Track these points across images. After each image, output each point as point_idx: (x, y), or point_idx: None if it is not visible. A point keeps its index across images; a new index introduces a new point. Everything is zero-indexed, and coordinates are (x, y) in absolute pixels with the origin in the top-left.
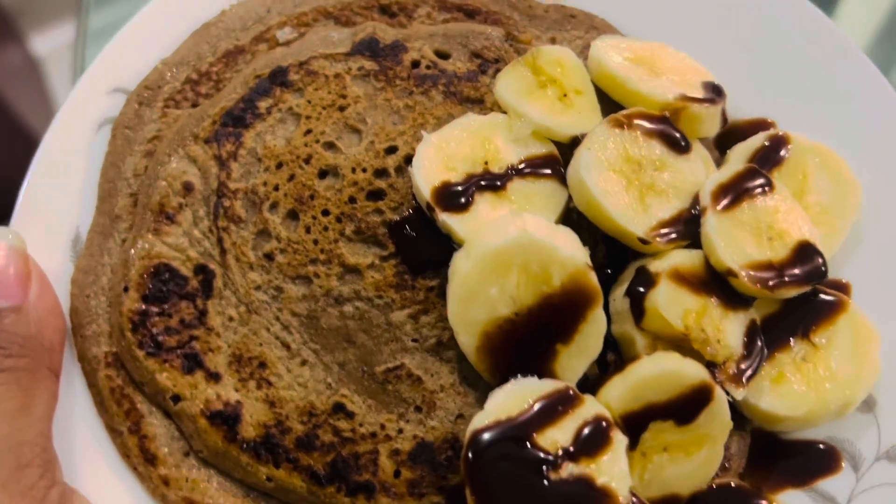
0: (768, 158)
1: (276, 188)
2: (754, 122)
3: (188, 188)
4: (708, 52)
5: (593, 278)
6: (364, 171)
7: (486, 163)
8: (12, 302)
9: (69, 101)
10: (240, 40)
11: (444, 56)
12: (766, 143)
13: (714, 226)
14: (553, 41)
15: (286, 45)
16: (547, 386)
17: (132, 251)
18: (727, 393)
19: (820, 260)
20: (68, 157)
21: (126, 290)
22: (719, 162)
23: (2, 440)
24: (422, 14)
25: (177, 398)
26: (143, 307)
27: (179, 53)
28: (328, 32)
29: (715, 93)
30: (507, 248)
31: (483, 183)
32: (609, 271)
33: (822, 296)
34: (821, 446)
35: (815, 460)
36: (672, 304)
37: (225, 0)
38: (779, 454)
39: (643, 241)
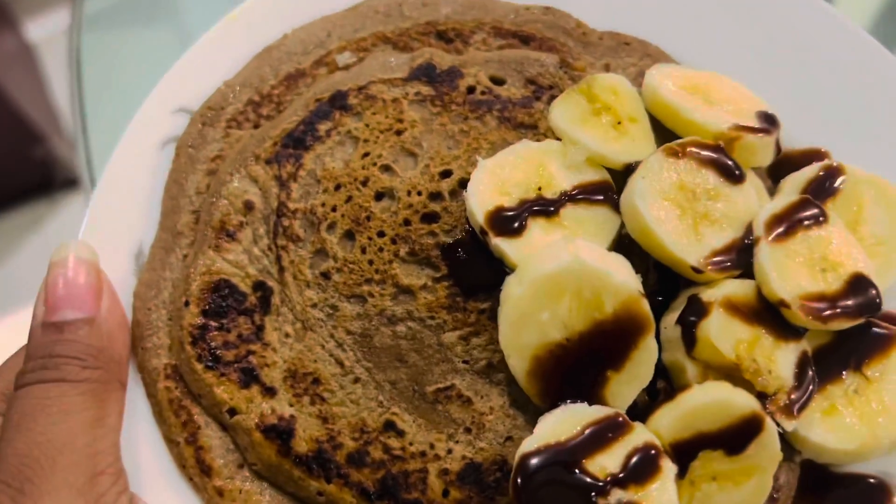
0: (822, 189)
1: (334, 209)
2: (808, 151)
3: (249, 207)
4: (763, 80)
5: (646, 306)
6: (419, 194)
7: (539, 188)
8: (86, 313)
9: (135, 119)
10: (301, 64)
11: (499, 82)
12: (821, 174)
13: (767, 256)
14: (607, 68)
15: (346, 70)
16: (597, 412)
17: (193, 267)
18: (777, 424)
19: (874, 292)
20: (133, 173)
21: (187, 304)
22: (772, 191)
23: (80, 449)
24: (478, 40)
25: (233, 411)
26: (203, 321)
27: (242, 75)
28: (386, 58)
29: (769, 122)
30: (560, 274)
31: (536, 208)
32: (661, 298)
33: (876, 328)
34: (871, 480)
35: (865, 495)
36: (724, 333)
37: (286, 24)
38: (828, 487)
39: (696, 270)
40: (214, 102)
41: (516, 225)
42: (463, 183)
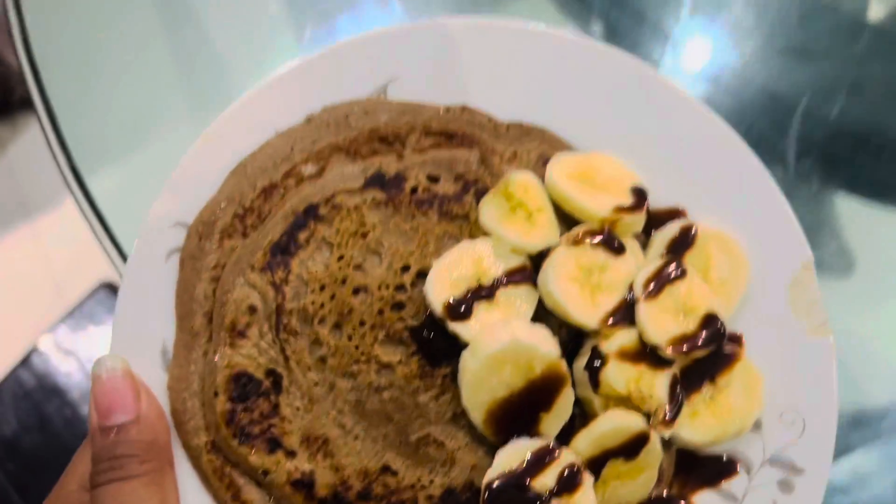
0: (682, 244)
1: (322, 306)
2: (669, 210)
3: (252, 310)
4: (629, 155)
5: (564, 367)
6: (387, 287)
7: (478, 279)
8: (131, 415)
9: (141, 235)
10: (273, 178)
11: (434, 179)
12: (679, 233)
13: (643, 312)
14: (514, 155)
15: (310, 179)
16: (536, 443)
17: (217, 363)
18: (659, 433)
19: (720, 325)
20: (146, 283)
21: (216, 394)
22: (644, 243)
23: None
24: (412, 140)
25: (265, 472)
26: (232, 406)
27: (224, 191)
28: (343, 168)
29: (640, 197)
30: (503, 351)
31: (479, 295)
32: (571, 347)
33: (723, 350)
34: (724, 458)
35: (720, 468)
36: (618, 376)
37: (257, 139)
38: (694, 465)
39: (596, 331)
40: (206, 217)
41: (464, 310)
42: (420, 274)
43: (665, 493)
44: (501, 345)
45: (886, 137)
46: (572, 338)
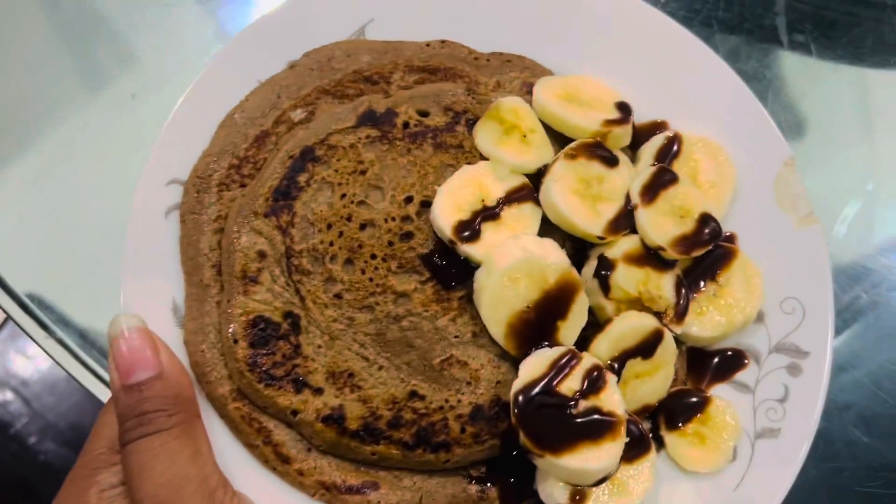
0: (668, 153)
1: (331, 244)
2: (653, 124)
3: (262, 255)
4: (612, 74)
5: (576, 273)
6: (393, 219)
7: (482, 200)
8: (154, 371)
9: (137, 197)
10: (263, 126)
11: (424, 114)
12: (665, 142)
13: (644, 217)
14: (498, 84)
15: (301, 124)
16: (557, 351)
17: (231, 311)
18: (671, 331)
19: (715, 225)
20: (148, 242)
21: (235, 341)
22: (632, 158)
23: (194, 478)
24: (396, 78)
25: (295, 412)
26: (253, 351)
27: (216, 144)
28: (334, 110)
29: (625, 111)
30: (516, 265)
31: (484, 216)
32: (575, 260)
33: (720, 249)
34: (734, 352)
35: (730, 362)
36: (627, 278)
37: (240, 91)
38: (705, 361)
39: (601, 238)
40: (201, 171)
41: (473, 232)
42: (424, 203)
43: (682, 388)
44: (515, 259)
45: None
46: (576, 251)
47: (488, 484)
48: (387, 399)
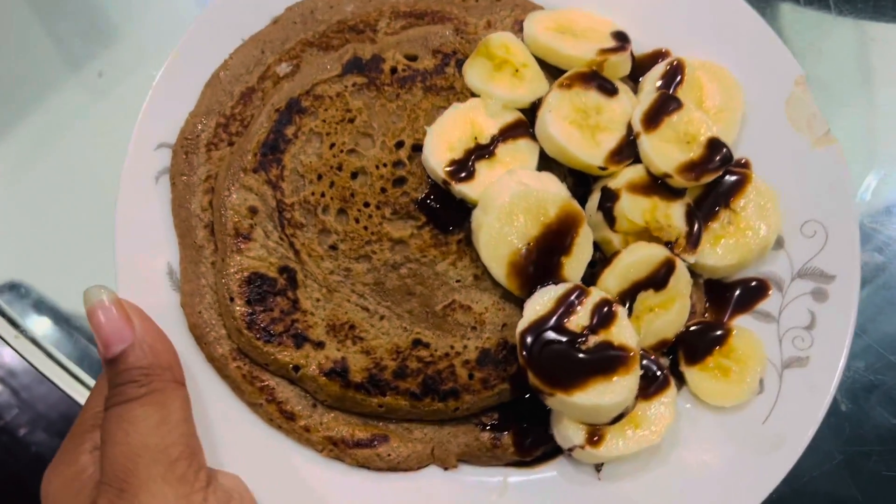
0: (672, 80)
1: (323, 195)
2: (654, 53)
3: (253, 211)
4: (611, 6)
5: (576, 205)
6: (385, 165)
7: (475, 139)
8: (127, 342)
9: (127, 162)
10: (248, 82)
11: (412, 58)
12: (668, 69)
13: (648, 144)
14: (488, 24)
15: (287, 77)
16: (562, 288)
17: (225, 270)
18: (684, 260)
19: (725, 149)
20: (140, 208)
21: (232, 300)
22: (635, 89)
23: (153, 446)
24: (382, 25)
25: (297, 368)
26: (250, 309)
27: (203, 104)
28: (320, 61)
29: (622, 40)
30: (514, 200)
31: (478, 154)
32: (578, 195)
33: (732, 175)
34: (754, 281)
35: (751, 291)
36: (633, 208)
37: (224, 50)
38: (726, 293)
39: (602, 168)
40: (189, 132)
41: (467, 171)
42: (416, 148)
43: (702, 323)
44: (511, 194)
45: None
46: (579, 185)
47: (502, 431)
48: (390, 349)
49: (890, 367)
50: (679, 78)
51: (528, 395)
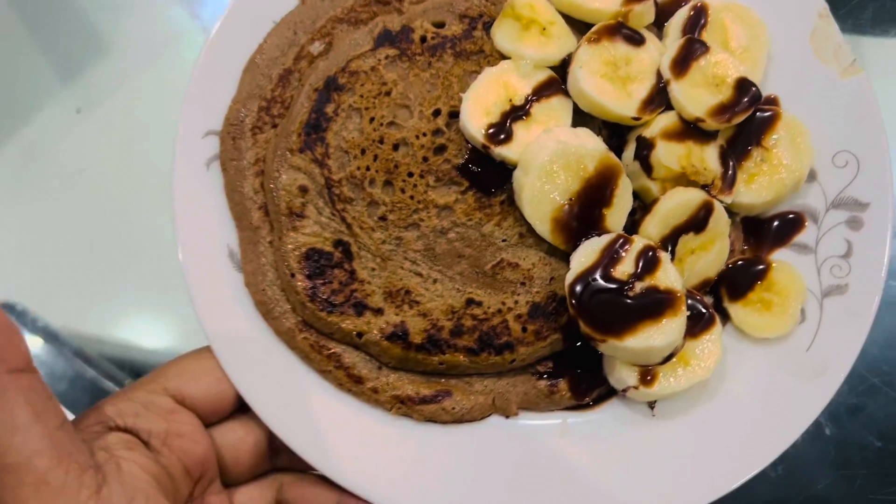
0: (696, 24)
1: (368, 168)
2: None
3: (303, 190)
4: None
5: (614, 157)
6: (424, 135)
7: (510, 101)
8: None
9: (178, 153)
10: (285, 64)
11: (440, 25)
12: (691, 13)
13: (678, 90)
14: None
15: (321, 56)
16: (606, 238)
17: (283, 248)
18: (721, 201)
19: (754, 88)
20: (195, 195)
21: (293, 276)
22: (660, 35)
23: (12, 466)
24: None
25: (360, 334)
26: (311, 283)
27: (243, 90)
28: (351, 36)
29: None
30: (553, 158)
31: (514, 116)
32: (614, 146)
33: (762, 112)
34: (790, 215)
35: (788, 225)
36: (668, 155)
37: (258, 34)
38: (763, 228)
39: (636, 119)
40: (234, 118)
41: (505, 133)
42: (452, 114)
43: (741, 260)
44: (550, 152)
45: None
46: (613, 137)
47: (557, 377)
48: (445, 310)
49: (873, 390)
50: (703, 21)
51: (579, 343)
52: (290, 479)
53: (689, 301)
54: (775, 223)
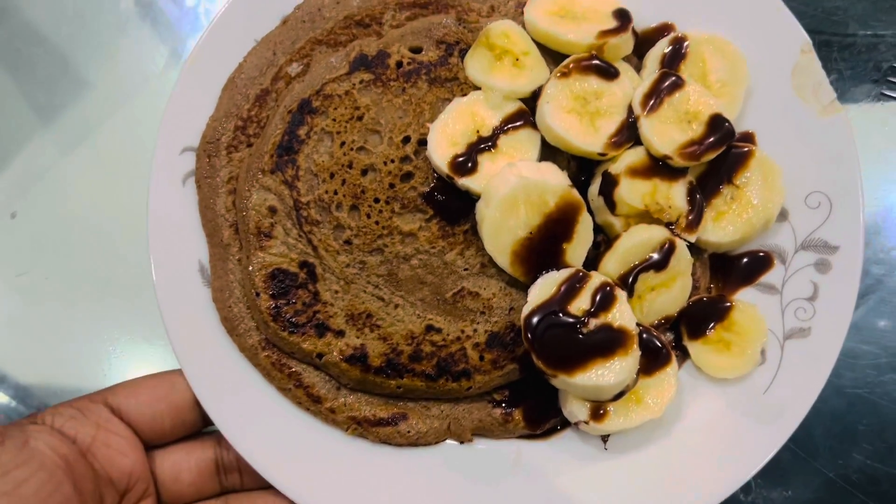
0: (675, 57)
1: (336, 192)
2: (659, 27)
3: (273, 210)
4: None
5: (576, 194)
6: (392, 161)
7: (477, 131)
8: None
9: (155, 167)
10: (262, 84)
11: (416, 51)
12: (671, 46)
13: (647, 127)
14: (492, 9)
15: (298, 77)
16: (564, 273)
17: (250, 267)
18: (684, 240)
19: (728, 125)
20: (169, 209)
21: (258, 294)
22: (639, 67)
23: None
24: (388, 17)
25: (320, 355)
26: (275, 303)
27: (221, 108)
28: (327, 59)
29: (624, 18)
30: (513, 192)
31: (480, 147)
32: (583, 178)
33: (735, 149)
34: (759, 254)
35: (756, 264)
36: (632, 192)
37: (239, 52)
38: (730, 267)
39: (602, 154)
40: (210, 136)
41: (470, 165)
42: (422, 142)
43: (704, 297)
44: (511, 186)
45: None
46: (583, 169)
47: (512, 406)
48: (405, 335)
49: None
50: (683, 53)
51: (535, 373)
52: (237, 498)
53: (646, 337)
54: (744, 261)
